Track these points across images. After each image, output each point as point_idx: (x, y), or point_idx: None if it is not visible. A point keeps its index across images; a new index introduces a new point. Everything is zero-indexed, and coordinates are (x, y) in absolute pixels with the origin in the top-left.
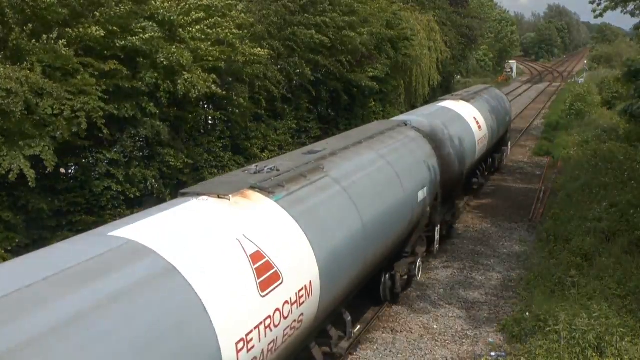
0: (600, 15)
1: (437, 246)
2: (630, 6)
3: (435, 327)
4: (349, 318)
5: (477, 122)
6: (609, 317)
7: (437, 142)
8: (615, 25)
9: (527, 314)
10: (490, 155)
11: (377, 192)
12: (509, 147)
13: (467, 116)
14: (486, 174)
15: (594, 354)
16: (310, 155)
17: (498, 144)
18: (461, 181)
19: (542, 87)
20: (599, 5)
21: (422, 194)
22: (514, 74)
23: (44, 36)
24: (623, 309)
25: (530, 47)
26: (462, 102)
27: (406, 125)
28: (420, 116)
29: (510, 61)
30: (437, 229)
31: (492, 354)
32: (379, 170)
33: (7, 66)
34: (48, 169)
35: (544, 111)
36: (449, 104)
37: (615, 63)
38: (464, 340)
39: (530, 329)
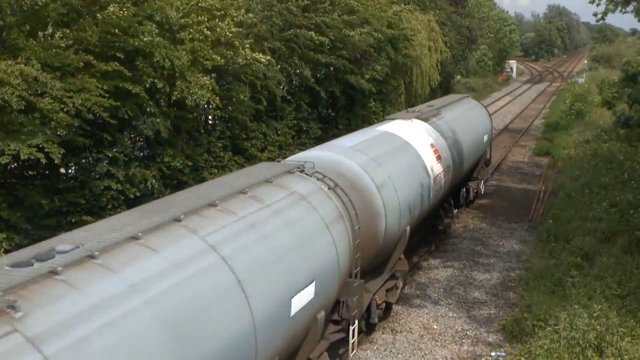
0: (602, 18)
1: (354, 352)
2: (630, 7)
3: (435, 327)
4: None
5: (436, 151)
6: (609, 317)
7: (354, 194)
8: (615, 26)
9: (528, 313)
10: (464, 184)
11: (170, 336)
12: (489, 172)
13: (420, 143)
14: (455, 210)
15: (594, 354)
16: (23, 268)
17: (474, 170)
18: (403, 241)
19: (542, 87)
20: (597, 5)
21: (304, 297)
22: (514, 74)
23: (40, 33)
24: (623, 309)
25: (530, 47)
26: (416, 122)
27: (302, 171)
28: (337, 151)
29: (510, 61)
30: (353, 328)
31: (492, 354)
32: (190, 281)
33: (1, 61)
34: (47, 170)
35: (544, 111)
36: (395, 126)
37: (615, 63)
38: (464, 340)
39: (530, 329)
